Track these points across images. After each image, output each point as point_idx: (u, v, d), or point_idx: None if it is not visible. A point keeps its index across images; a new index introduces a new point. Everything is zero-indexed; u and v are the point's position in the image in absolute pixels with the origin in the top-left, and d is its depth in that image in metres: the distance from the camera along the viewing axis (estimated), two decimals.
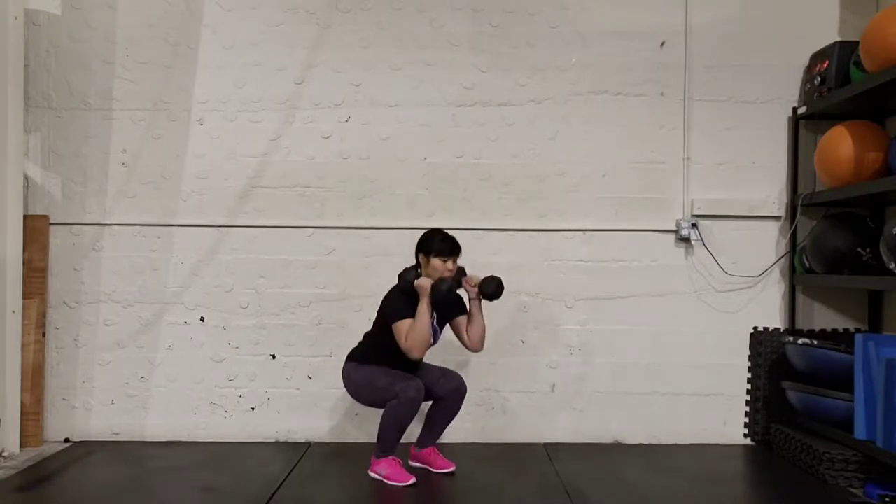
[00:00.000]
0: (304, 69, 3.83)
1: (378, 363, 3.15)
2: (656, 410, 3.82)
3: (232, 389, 3.82)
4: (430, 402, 3.27)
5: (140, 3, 3.82)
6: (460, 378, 3.25)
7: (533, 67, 3.83)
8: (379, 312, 3.22)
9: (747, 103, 3.84)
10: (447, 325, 3.30)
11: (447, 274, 3.14)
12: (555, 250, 3.84)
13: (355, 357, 3.24)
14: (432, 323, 3.15)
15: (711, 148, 3.84)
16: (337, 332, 3.80)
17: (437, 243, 3.15)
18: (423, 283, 3.07)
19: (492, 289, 3.15)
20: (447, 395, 3.21)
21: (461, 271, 3.22)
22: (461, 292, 3.26)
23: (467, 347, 3.27)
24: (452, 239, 3.19)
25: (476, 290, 3.18)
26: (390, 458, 3.14)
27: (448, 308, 3.24)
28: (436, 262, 3.13)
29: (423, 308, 3.04)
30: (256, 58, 3.82)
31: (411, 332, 3.03)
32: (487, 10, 3.83)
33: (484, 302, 3.20)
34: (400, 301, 3.11)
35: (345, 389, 3.28)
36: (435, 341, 3.22)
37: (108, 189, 3.83)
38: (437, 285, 3.06)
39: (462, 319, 3.26)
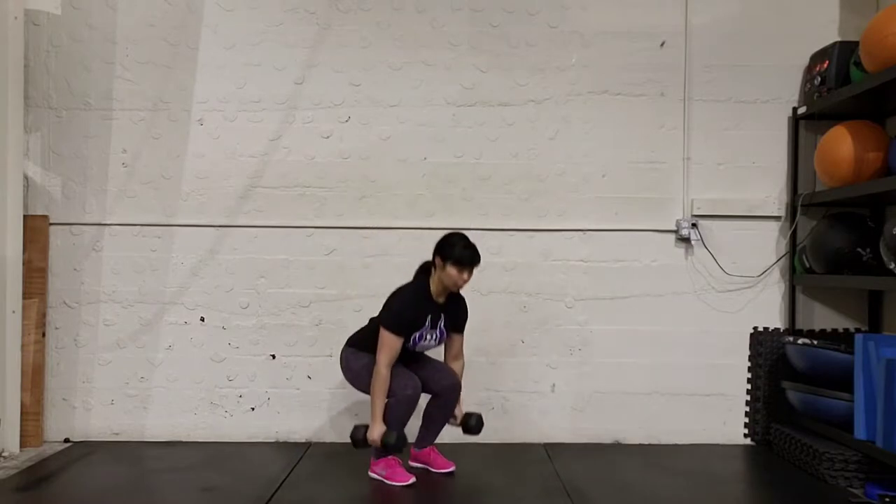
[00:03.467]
0: (304, 69, 3.83)
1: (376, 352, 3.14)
2: (656, 410, 3.82)
3: (232, 389, 3.82)
4: (426, 403, 3.28)
5: (140, 3, 3.83)
6: (455, 375, 3.25)
7: (533, 67, 3.84)
8: (384, 305, 3.19)
9: (747, 103, 3.84)
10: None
11: (461, 282, 3.07)
12: (555, 250, 3.84)
13: (355, 343, 3.23)
14: (440, 326, 3.15)
15: (711, 148, 3.84)
16: (337, 333, 3.79)
17: (459, 250, 3.02)
18: (374, 436, 3.01)
19: (472, 423, 3.27)
20: (442, 391, 3.21)
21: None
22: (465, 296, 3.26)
23: (444, 359, 3.31)
24: (474, 248, 3.06)
25: (457, 420, 3.29)
26: (390, 457, 3.14)
27: (455, 317, 3.23)
28: (451, 269, 3.03)
29: (388, 370, 3.01)
30: (256, 58, 3.82)
31: (377, 368, 3.00)
32: (487, 10, 3.83)
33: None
34: (402, 314, 3.05)
35: (344, 379, 3.27)
36: (439, 343, 3.22)
37: (108, 189, 3.83)
38: (386, 437, 3.00)
39: (455, 338, 3.27)
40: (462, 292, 3.22)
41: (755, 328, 3.83)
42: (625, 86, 3.84)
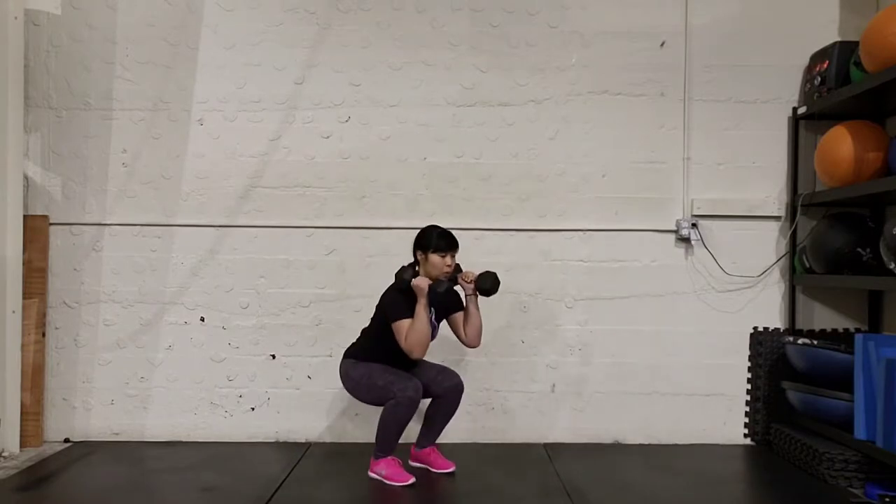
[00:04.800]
0: (304, 69, 3.83)
1: (376, 361, 3.15)
2: (656, 410, 3.82)
3: (232, 389, 3.82)
4: (427, 402, 3.28)
5: (140, 3, 3.83)
6: (458, 376, 3.25)
7: (533, 67, 3.84)
8: (377, 309, 3.22)
9: (747, 103, 3.84)
10: (444, 321, 3.30)
11: (446, 269, 3.14)
12: (555, 250, 3.84)
13: (353, 354, 3.24)
14: (430, 319, 3.15)
15: (711, 148, 3.84)
16: (337, 332, 3.80)
17: (435, 239, 3.14)
18: (421, 282, 3.06)
19: (488, 284, 3.15)
20: (445, 393, 3.21)
21: (457, 268, 3.21)
22: (457, 289, 3.26)
23: (464, 343, 3.27)
24: (450, 234, 3.18)
25: (472, 286, 3.18)
26: (389, 457, 3.14)
27: (445, 304, 3.24)
28: (434, 257, 3.13)
29: (421, 308, 3.04)
30: (256, 58, 3.82)
31: (411, 332, 3.03)
32: (487, 10, 3.83)
33: (481, 298, 3.20)
34: (399, 300, 3.11)
35: (343, 387, 3.27)
36: (433, 337, 3.21)
37: (108, 189, 3.83)
38: (435, 286, 3.06)
39: (459, 315, 3.26)
40: (457, 289, 3.24)
41: (755, 328, 3.83)
42: (625, 86, 3.84)
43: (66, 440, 3.78)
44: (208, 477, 3.21)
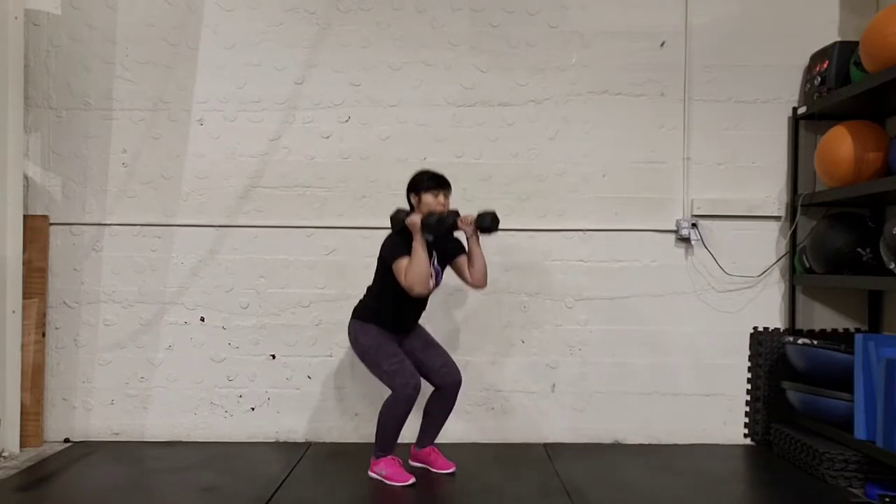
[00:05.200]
0: (304, 69, 3.83)
1: (382, 321, 3.14)
2: (656, 410, 3.82)
3: (232, 389, 3.82)
4: (426, 400, 3.29)
5: (140, 3, 3.83)
6: (459, 373, 3.26)
7: (533, 67, 3.84)
8: (378, 262, 3.21)
9: (747, 103, 3.84)
10: (448, 272, 3.29)
11: (441, 207, 3.14)
12: (555, 250, 3.84)
13: (359, 314, 3.23)
14: (433, 263, 3.16)
15: (711, 148, 3.84)
16: (337, 332, 3.80)
17: (427, 180, 3.16)
18: (415, 219, 3.08)
19: (487, 222, 3.13)
20: (444, 385, 3.22)
21: (455, 213, 3.19)
22: (459, 235, 3.25)
23: (471, 285, 3.26)
24: (441, 175, 3.20)
25: (472, 227, 3.17)
26: (389, 457, 3.14)
27: (447, 248, 3.25)
28: (427, 197, 3.13)
29: (417, 244, 3.05)
30: (256, 58, 3.83)
31: (409, 268, 3.03)
32: (487, 10, 3.83)
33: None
34: (396, 242, 3.12)
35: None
36: (437, 283, 3.21)
37: (108, 189, 3.83)
38: (426, 218, 3.05)
39: (462, 259, 3.26)
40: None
41: (755, 328, 3.83)
42: (625, 86, 3.84)
43: (66, 440, 3.78)
44: (208, 477, 3.21)
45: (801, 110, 3.74)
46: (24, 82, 3.69)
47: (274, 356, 3.83)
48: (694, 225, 3.81)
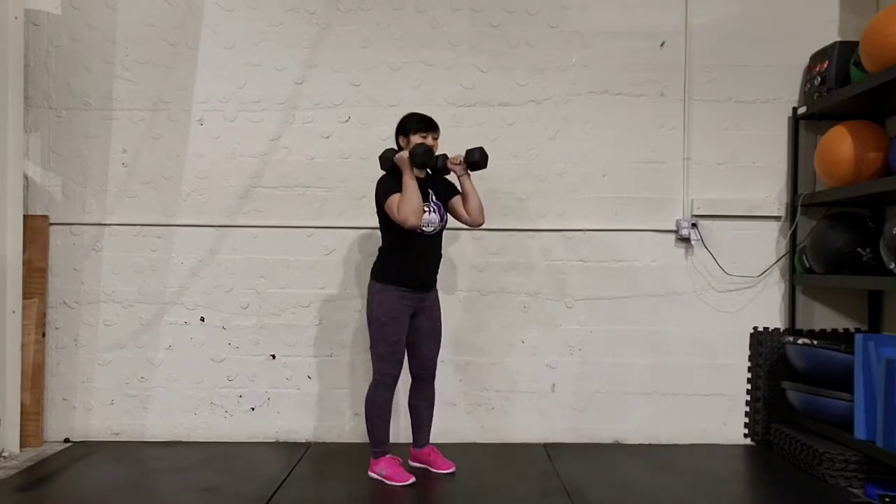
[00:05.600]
0: (304, 69, 3.83)
1: (398, 276, 3.11)
2: (656, 410, 3.82)
3: (232, 389, 3.82)
4: (409, 402, 3.33)
5: (140, 3, 3.83)
6: (436, 367, 3.30)
7: (533, 67, 3.84)
8: (377, 212, 3.18)
9: (747, 103, 3.84)
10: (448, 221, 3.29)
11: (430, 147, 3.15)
12: (555, 250, 3.84)
13: (376, 274, 3.20)
14: (431, 200, 3.17)
15: (711, 148, 3.84)
16: (337, 333, 3.80)
17: (416, 122, 3.15)
18: (403, 154, 3.09)
19: (476, 157, 3.16)
20: (423, 379, 3.26)
21: (444, 157, 3.21)
22: (451, 178, 3.26)
23: (469, 224, 3.27)
24: (430, 117, 3.20)
25: (462, 165, 3.19)
26: (389, 457, 3.15)
27: (440, 190, 3.24)
28: (415, 138, 3.13)
29: (408, 178, 3.05)
30: (256, 58, 3.82)
31: (402, 202, 3.02)
32: (487, 10, 3.83)
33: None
34: (387, 181, 3.13)
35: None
36: (442, 220, 3.20)
37: (108, 189, 3.83)
38: (414, 150, 3.05)
39: (456, 199, 3.26)
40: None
41: (755, 328, 3.83)
42: (625, 86, 3.84)
43: (66, 440, 3.78)
44: (208, 477, 3.21)
45: (801, 110, 3.74)
46: (24, 82, 3.69)
47: (274, 356, 3.83)
48: (694, 225, 3.80)
